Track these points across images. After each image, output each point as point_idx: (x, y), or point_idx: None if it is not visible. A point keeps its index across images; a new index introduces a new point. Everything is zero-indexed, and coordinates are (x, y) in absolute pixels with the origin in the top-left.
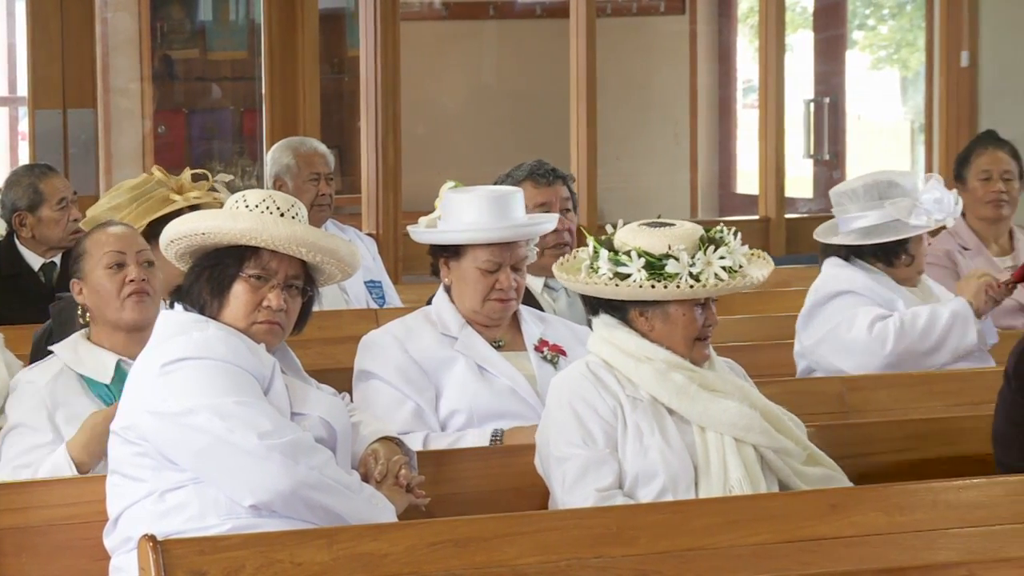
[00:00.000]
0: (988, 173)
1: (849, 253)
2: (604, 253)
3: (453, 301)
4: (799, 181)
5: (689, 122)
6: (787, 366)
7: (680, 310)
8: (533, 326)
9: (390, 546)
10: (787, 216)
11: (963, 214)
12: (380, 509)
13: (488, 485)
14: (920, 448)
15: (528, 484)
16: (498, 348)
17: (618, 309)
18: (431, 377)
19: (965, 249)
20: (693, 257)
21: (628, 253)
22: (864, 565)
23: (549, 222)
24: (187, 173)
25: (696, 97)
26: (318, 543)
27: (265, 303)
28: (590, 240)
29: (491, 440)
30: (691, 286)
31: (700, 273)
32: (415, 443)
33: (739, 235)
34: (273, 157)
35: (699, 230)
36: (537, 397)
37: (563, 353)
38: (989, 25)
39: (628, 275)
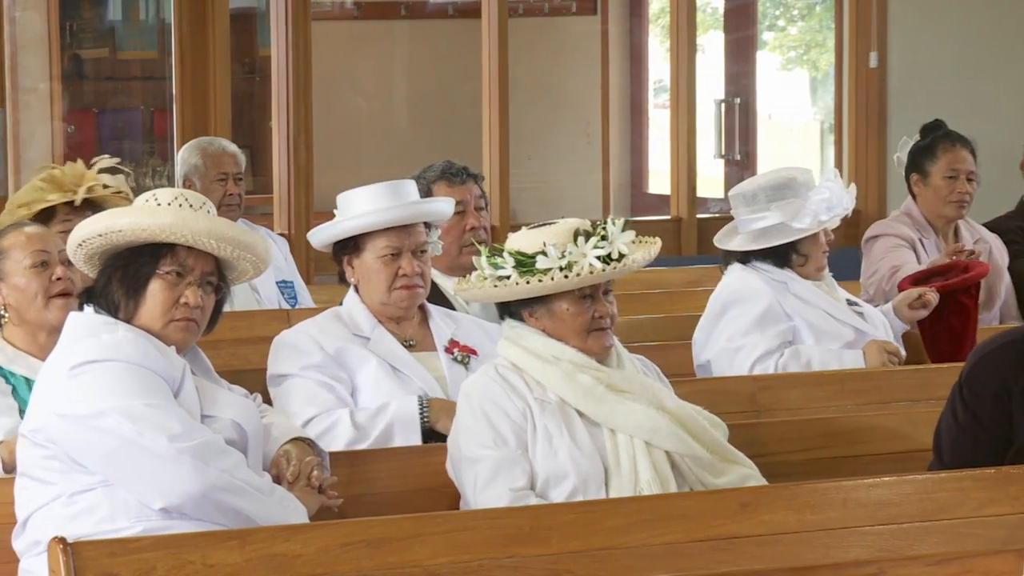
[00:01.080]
0: (955, 172)
1: (747, 256)
2: (484, 259)
3: (363, 301)
4: (710, 181)
5: (601, 122)
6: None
7: (563, 304)
8: (444, 326)
9: (303, 547)
10: (699, 216)
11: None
12: (292, 511)
13: (401, 485)
14: (830, 447)
15: (441, 484)
16: (409, 348)
17: (513, 313)
18: (347, 372)
19: (923, 239)
20: (564, 251)
21: (502, 255)
22: (775, 564)
23: (446, 203)
24: (80, 165)
25: (608, 97)
26: (230, 544)
27: (183, 300)
28: (482, 249)
29: (419, 408)
30: (565, 276)
31: (572, 264)
32: (341, 421)
33: (621, 224)
34: (182, 157)
35: (577, 225)
36: (447, 399)
37: (474, 353)
38: (897, 26)
39: (506, 276)
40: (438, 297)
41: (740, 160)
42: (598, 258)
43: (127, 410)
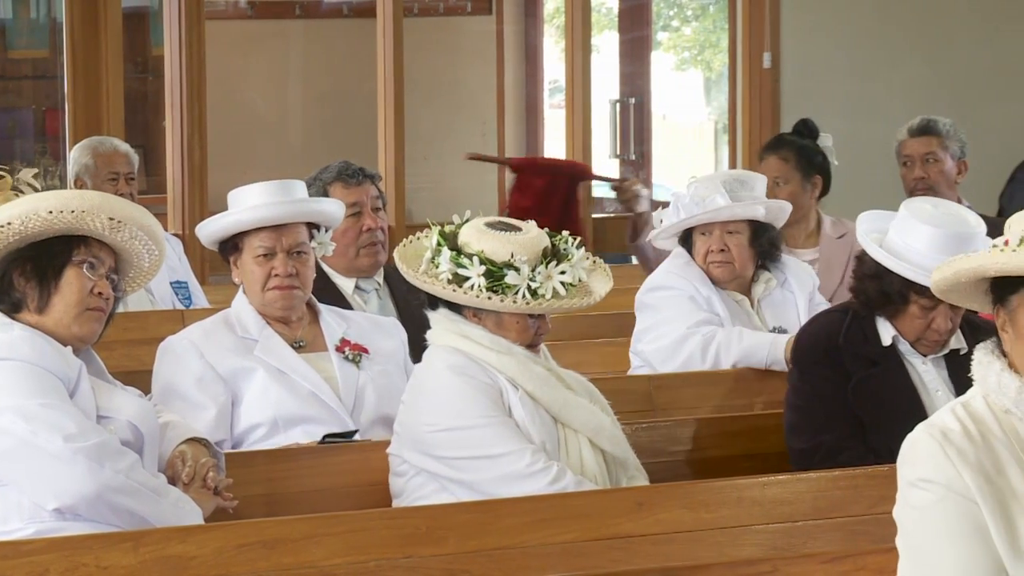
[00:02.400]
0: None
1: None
2: (446, 252)
3: (250, 302)
4: None
5: (496, 122)
6: (593, 364)
7: (514, 319)
8: (334, 325)
9: (198, 548)
10: (594, 215)
11: None
12: (187, 512)
13: (298, 486)
14: (725, 445)
15: (339, 484)
16: (298, 349)
17: (455, 307)
18: (229, 385)
19: None
20: (534, 270)
21: (471, 257)
22: (670, 562)
23: (333, 204)
24: None
25: (503, 97)
26: (124, 546)
27: (96, 290)
28: (434, 231)
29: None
30: (527, 303)
31: (539, 288)
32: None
33: (581, 246)
34: (73, 157)
35: (544, 239)
36: (339, 400)
37: (365, 351)
38: (790, 27)
39: (467, 279)
40: (336, 298)
41: (635, 160)
42: (562, 283)
43: (21, 410)
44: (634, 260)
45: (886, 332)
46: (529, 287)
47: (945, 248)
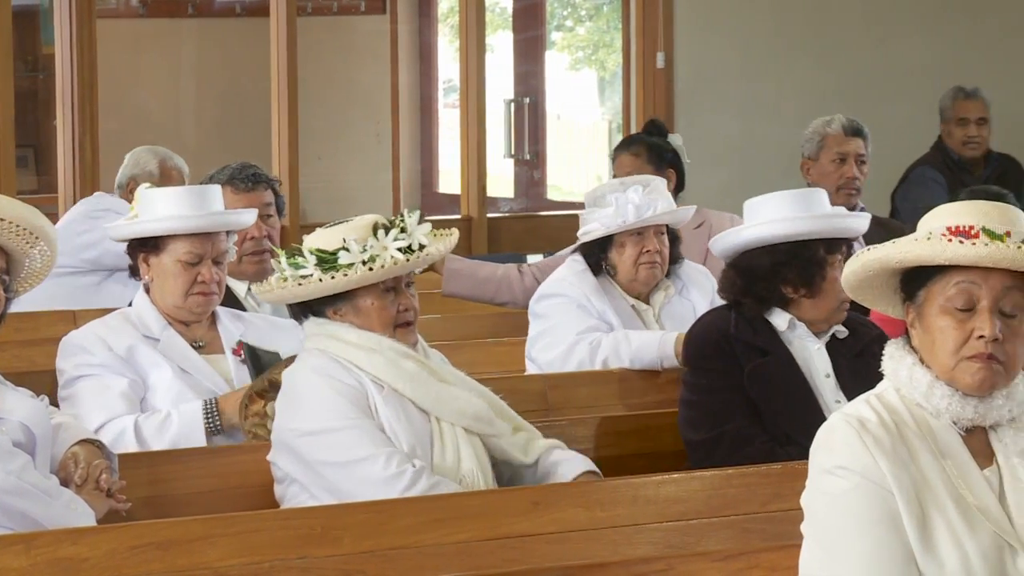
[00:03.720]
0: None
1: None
2: (285, 262)
3: (154, 301)
4: (500, 180)
5: (391, 121)
6: (488, 364)
7: (368, 299)
8: (232, 328)
9: (90, 550)
10: (489, 215)
11: None
12: (79, 514)
13: (191, 487)
14: (619, 444)
15: (233, 485)
16: (198, 350)
17: (317, 312)
18: (138, 372)
19: None
20: (365, 244)
21: (303, 255)
22: (565, 561)
23: (248, 214)
24: None
25: (397, 96)
26: (15, 548)
27: None
28: (279, 252)
29: (204, 412)
30: (369, 269)
31: (375, 257)
32: (126, 432)
33: (419, 216)
34: (134, 161)
35: (375, 219)
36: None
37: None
38: (684, 27)
39: (308, 275)
40: (229, 300)
41: (530, 160)
42: (399, 250)
43: None
44: (529, 259)
45: (781, 320)
46: (363, 261)
47: (796, 200)
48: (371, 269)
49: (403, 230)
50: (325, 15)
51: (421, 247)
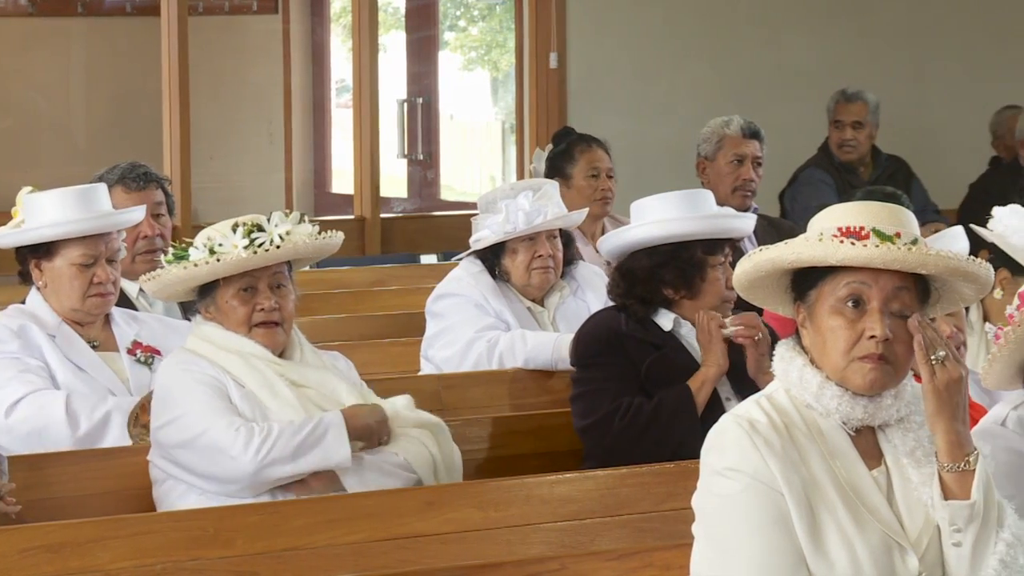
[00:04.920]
0: (596, 171)
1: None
2: (163, 259)
3: (47, 301)
4: (394, 181)
5: (284, 121)
6: (382, 364)
7: (225, 298)
8: (126, 327)
9: None
10: (382, 216)
11: None
12: None
13: (83, 489)
14: (513, 444)
15: (125, 487)
16: (93, 348)
17: (196, 311)
18: (43, 363)
19: None
20: (215, 240)
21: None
22: (460, 561)
23: (138, 211)
24: None
25: (290, 96)
26: None
27: None
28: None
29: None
30: (217, 261)
31: (216, 251)
32: (55, 403)
33: (296, 217)
34: None
35: (249, 218)
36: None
37: (157, 353)
38: (576, 28)
39: (164, 269)
40: (121, 300)
41: (423, 160)
42: (247, 246)
43: None
44: (423, 260)
45: (666, 320)
46: (212, 250)
47: (681, 201)
48: (218, 261)
49: (260, 228)
50: (217, 14)
51: (277, 246)
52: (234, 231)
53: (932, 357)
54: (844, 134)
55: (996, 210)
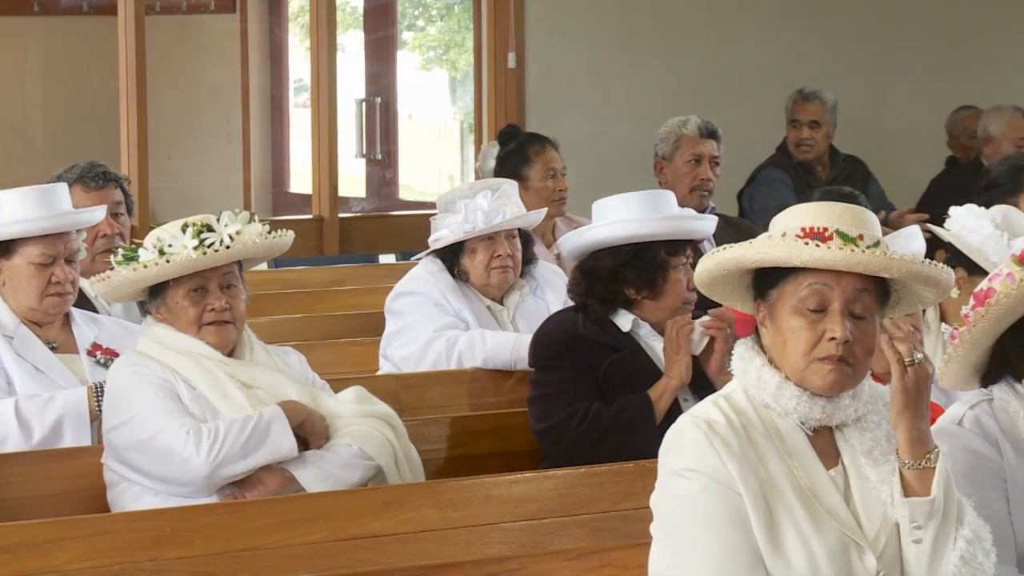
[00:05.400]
0: (552, 171)
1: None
2: (114, 260)
3: (5, 301)
4: (352, 180)
5: (242, 121)
6: (341, 364)
7: (175, 298)
8: (86, 328)
9: None
10: (341, 215)
11: None
12: None
13: (39, 489)
14: (472, 444)
15: (81, 488)
16: (52, 350)
17: (148, 312)
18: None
19: None
20: (164, 241)
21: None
22: (418, 561)
23: (98, 211)
24: None
25: (248, 96)
26: None
27: None
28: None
29: (96, 392)
30: (167, 262)
31: (165, 252)
32: (5, 413)
33: (246, 217)
34: None
35: (199, 218)
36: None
37: (117, 355)
38: (534, 28)
39: (114, 271)
40: (80, 300)
41: (381, 160)
42: (196, 246)
43: None
44: (381, 259)
45: (625, 320)
46: (161, 251)
47: (643, 201)
48: (168, 262)
49: (209, 228)
50: (174, 13)
51: (227, 246)
52: (183, 231)
53: (908, 359)
54: (801, 133)
55: (953, 210)
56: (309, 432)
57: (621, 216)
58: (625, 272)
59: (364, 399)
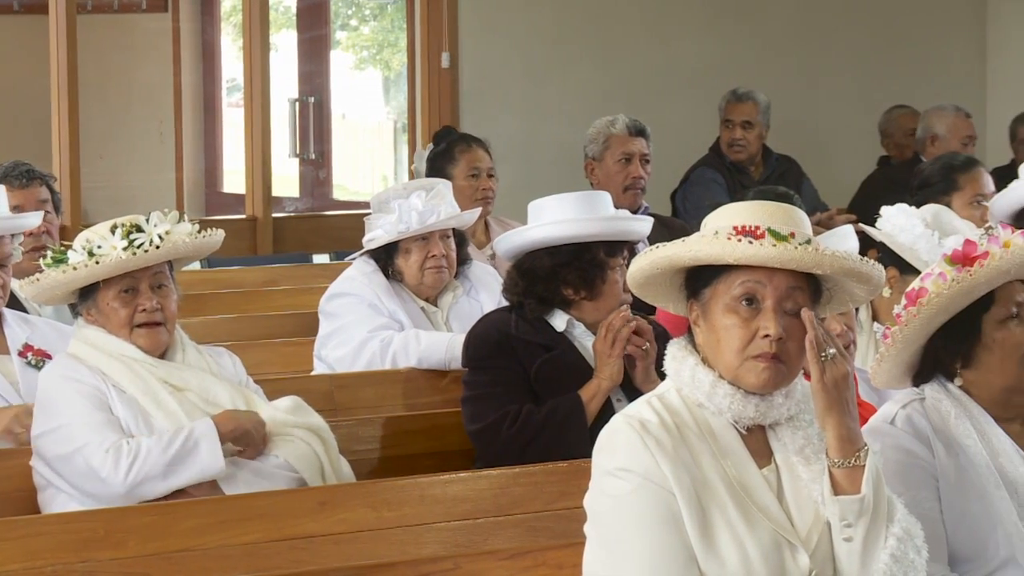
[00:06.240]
0: (477, 171)
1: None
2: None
3: None
4: (285, 180)
5: (174, 121)
6: (275, 364)
7: (105, 300)
8: (18, 329)
9: None
10: (274, 215)
11: None
12: None
13: None
14: (406, 444)
15: (13, 489)
16: None
17: (79, 314)
18: None
19: None
20: (93, 243)
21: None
22: (353, 561)
23: (34, 217)
24: None
25: (180, 96)
26: None
27: None
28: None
29: None
30: (97, 263)
31: (94, 253)
32: None
33: (174, 217)
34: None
35: (129, 218)
36: (22, 401)
37: (48, 356)
38: (468, 28)
39: (43, 273)
40: (10, 300)
41: (315, 159)
42: (126, 247)
43: None
44: (315, 259)
45: (560, 320)
46: (90, 252)
47: (580, 202)
48: (97, 264)
49: (139, 229)
50: (106, 12)
51: (156, 246)
52: (113, 232)
53: (822, 354)
54: (734, 133)
55: (884, 209)
56: (246, 444)
57: (558, 216)
58: (564, 272)
59: (300, 409)
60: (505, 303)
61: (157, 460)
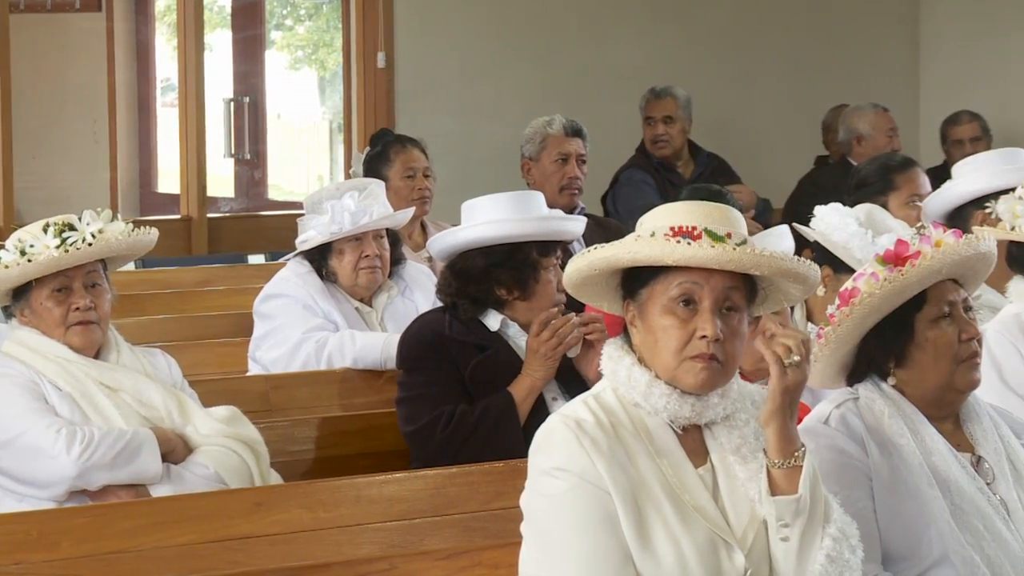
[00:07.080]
0: (412, 171)
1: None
2: None
3: None
4: (220, 180)
5: (108, 120)
6: (210, 365)
7: (39, 299)
8: None
9: None
10: (209, 215)
11: None
12: None
13: None
14: (342, 444)
15: None
16: None
17: (11, 313)
18: None
19: None
20: (25, 242)
21: None
22: (289, 562)
23: None
24: None
25: (114, 95)
26: None
27: None
28: None
29: None
30: (29, 262)
31: (26, 252)
32: None
33: (107, 215)
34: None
35: (60, 218)
36: None
37: None
38: (404, 28)
39: None
40: None
41: (250, 159)
42: (58, 245)
43: None
44: (250, 260)
45: (494, 320)
46: (23, 251)
47: (513, 202)
48: (29, 262)
49: (71, 227)
50: (39, 12)
51: (89, 244)
52: (45, 232)
53: (787, 361)
54: (656, 130)
55: (818, 209)
56: (171, 458)
57: (491, 217)
58: (497, 272)
59: (235, 420)
60: (439, 303)
61: (108, 450)
